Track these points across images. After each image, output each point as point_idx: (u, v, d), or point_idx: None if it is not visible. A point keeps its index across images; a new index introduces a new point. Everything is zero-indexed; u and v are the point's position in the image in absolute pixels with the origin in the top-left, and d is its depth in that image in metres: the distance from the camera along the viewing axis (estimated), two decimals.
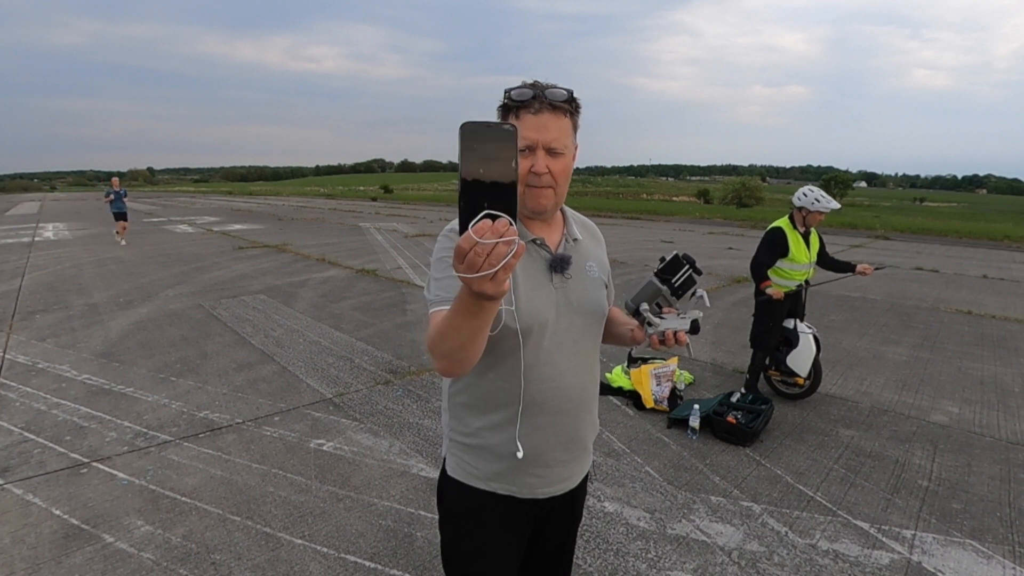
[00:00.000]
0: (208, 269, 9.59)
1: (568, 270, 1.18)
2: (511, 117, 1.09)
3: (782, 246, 3.95)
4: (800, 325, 4.07)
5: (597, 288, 1.25)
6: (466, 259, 0.69)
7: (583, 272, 1.23)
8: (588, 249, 1.28)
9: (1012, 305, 7.81)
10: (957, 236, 19.53)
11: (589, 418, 1.29)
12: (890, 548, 2.52)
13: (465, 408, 1.22)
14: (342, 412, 3.83)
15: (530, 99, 1.06)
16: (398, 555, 2.41)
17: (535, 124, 1.06)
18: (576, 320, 1.19)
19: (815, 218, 3.95)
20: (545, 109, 1.06)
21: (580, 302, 1.20)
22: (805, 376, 4.03)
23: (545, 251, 1.18)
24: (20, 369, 4.60)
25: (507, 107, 1.09)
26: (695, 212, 29.61)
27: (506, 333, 1.11)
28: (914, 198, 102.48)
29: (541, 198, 1.12)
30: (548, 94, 1.06)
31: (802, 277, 4.07)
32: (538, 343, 1.14)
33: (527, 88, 1.08)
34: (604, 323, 1.29)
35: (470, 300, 0.79)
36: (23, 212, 27.65)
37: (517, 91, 1.07)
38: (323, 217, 23.30)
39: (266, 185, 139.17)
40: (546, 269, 1.17)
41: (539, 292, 1.14)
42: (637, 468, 3.17)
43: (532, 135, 1.06)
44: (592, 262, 1.26)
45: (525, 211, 1.16)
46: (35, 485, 2.90)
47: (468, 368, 0.97)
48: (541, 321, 1.13)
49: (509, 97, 1.08)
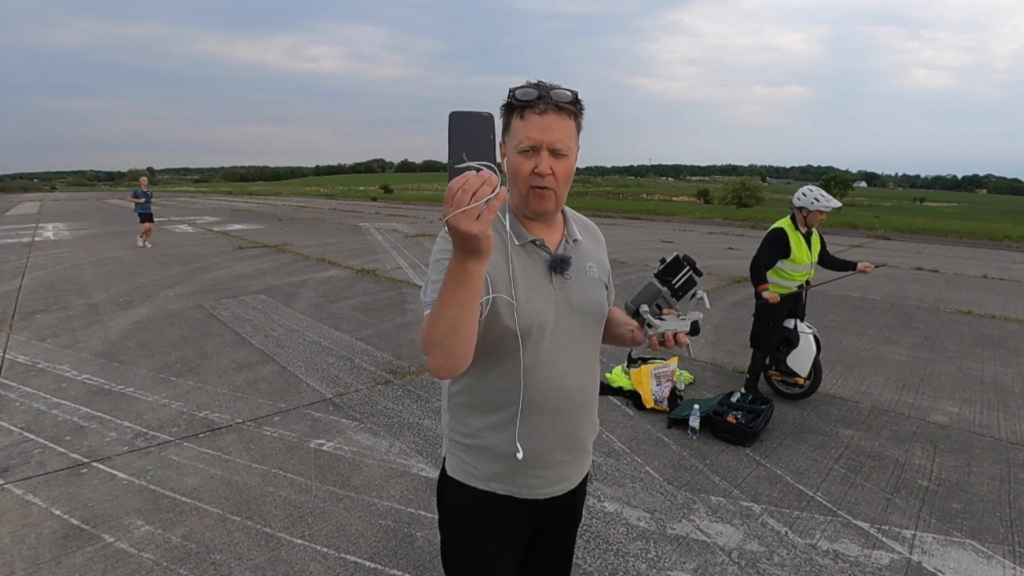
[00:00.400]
0: (208, 269, 9.59)
1: (568, 271, 1.18)
2: (515, 117, 1.08)
3: (783, 247, 3.95)
4: (800, 325, 4.06)
5: (597, 289, 1.25)
6: (454, 199, 0.78)
7: (583, 273, 1.22)
8: (588, 249, 1.27)
9: (1012, 305, 7.81)
10: (957, 236, 19.53)
11: (589, 419, 1.28)
12: (890, 548, 2.52)
13: (465, 408, 1.22)
14: (342, 412, 3.83)
15: (535, 99, 1.05)
16: (398, 555, 2.41)
17: (540, 125, 1.05)
18: (576, 321, 1.19)
19: (816, 217, 3.94)
20: (550, 110, 1.05)
21: (580, 303, 1.20)
22: (805, 376, 4.03)
23: (545, 252, 1.17)
24: (20, 369, 4.60)
25: (511, 106, 1.09)
26: (695, 212, 29.61)
27: (505, 334, 1.11)
28: (914, 198, 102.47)
29: (544, 199, 1.11)
30: (553, 95, 1.06)
31: (803, 278, 4.06)
32: (538, 344, 1.14)
33: (532, 88, 1.07)
34: (604, 324, 1.29)
35: (457, 264, 0.85)
36: (23, 212, 27.65)
37: (522, 91, 1.07)
38: (323, 217, 23.31)
39: (266, 185, 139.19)
40: (546, 270, 1.17)
41: (539, 293, 1.14)
42: (637, 468, 3.17)
43: (537, 136, 1.06)
44: (592, 262, 1.26)
45: (527, 212, 1.16)
46: (35, 485, 2.90)
47: (460, 362, 0.97)
48: (540, 322, 1.13)
49: (514, 96, 1.07)
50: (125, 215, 24.75)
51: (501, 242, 1.14)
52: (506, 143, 1.12)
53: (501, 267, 1.12)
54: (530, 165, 1.08)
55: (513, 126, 1.09)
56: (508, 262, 1.13)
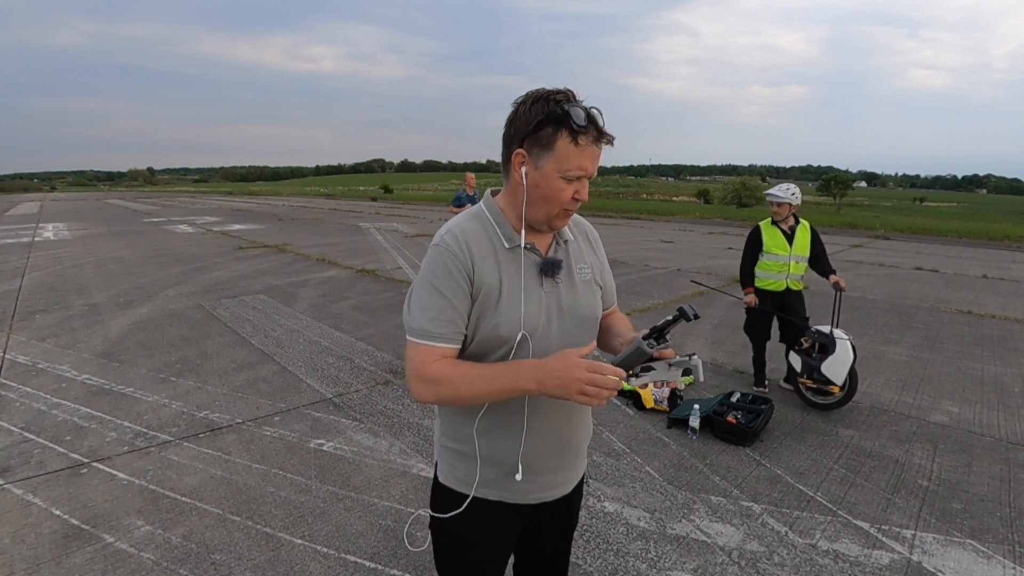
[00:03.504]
0: (208, 269, 9.59)
1: (559, 274, 1.17)
2: (565, 138, 1.03)
3: (757, 241, 4.26)
4: (837, 331, 3.95)
5: (589, 291, 1.23)
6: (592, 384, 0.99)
7: (573, 275, 1.21)
8: (579, 250, 1.26)
9: (1012, 305, 7.81)
10: (957, 236, 19.52)
11: (582, 424, 1.28)
12: (890, 548, 2.52)
13: (457, 413, 1.21)
14: (342, 412, 3.83)
15: (589, 124, 1.04)
16: (398, 555, 2.41)
17: (592, 156, 1.07)
18: (568, 325, 1.18)
19: (781, 210, 4.16)
20: (602, 144, 1.08)
21: (571, 307, 1.18)
22: (840, 384, 3.91)
23: (535, 255, 1.16)
24: (20, 369, 4.60)
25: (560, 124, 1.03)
26: (695, 212, 29.61)
27: (497, 340, 1.11)
28: (914, 198, 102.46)
29: (568, 218, 1.16)
30: (603, 127, 1.07)
31: (783, 269, 4.19)
32: (529, 349, 1.12)
33: (583, 111, 1.04)
34: (597, 326, 1.27)
35: (522, 389, 1.05)
36: (23, 212, 27.65)
37: (577, 112, 1.03)
38: (323, 217, 23.31)
39: (266, 185, 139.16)
40: (536, 274, 1.15)
41: (529, 297, 1.13)
42: (637, 468, 3.17)
43: (588, 166, 1.07)
44: (584, 263, 1.24)
45: (541, 227, 1.16)
46: (35, 485, 2.90)
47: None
48: (531, 327, 1.11)
49: (574, 122, 1.02)
50: (125, 215, 24.76)
51: (492, 246, 1.13)
52: (543, 159, 1.06)
53: (493, 273, 1.11)
54: (571, 191, 1.09)
55: (563, 150, 1.04)
56: (499, 268, 1.13)
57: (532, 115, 1.04)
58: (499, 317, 1.09)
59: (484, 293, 1.10)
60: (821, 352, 3.99)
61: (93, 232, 16.38)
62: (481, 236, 1.14)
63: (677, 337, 5.82)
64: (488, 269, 1.11)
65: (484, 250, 1.12)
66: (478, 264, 1.10)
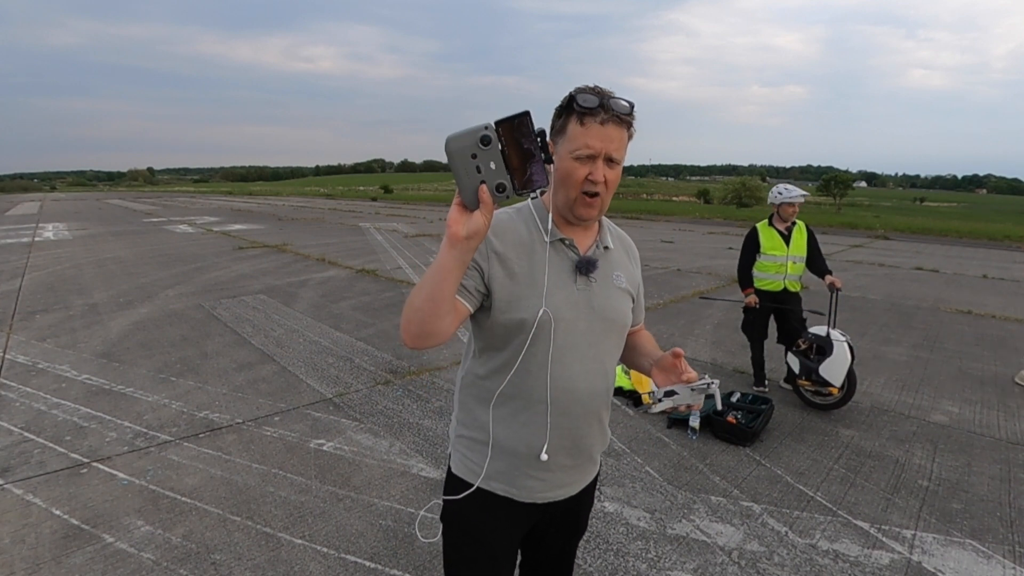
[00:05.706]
0: (208, 269, 9.59)
1: (593, 274, 1.19)
2: (573, 121, 1.08)
3: (754, 241, 4.27)
4: (834, 332, 3.95)
5: (621, 298, 1.24)
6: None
7: (609, 279, 1.22)
8: (618, 260, 1.28)
9: (1012, 305, 7.81)
10: (957, 236, 19.52)
11: (598, 427, 1.27)
12: (890, 548, 2.52)
13: (474, 400, 1.22)
14: (342, 412, 3.83)
15: (597, 107, 1.05)
16: (398, 555, 2.41)
17: (601, 134, 1.06)
18: (595, 325, 1.19)
19: (787, 210, 4.14)
20: (611, 120, 1.06)
21: (601, 307, 1.19)
22: (839, 386, 3.91)
23: (573, 252, 1.18)
24: (20, 369, 4.60)
25: (570, 109, 1.08)
26: (695, 212, 29.61)
27: (520, 324, 1.12)
28: (914, 198, 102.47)
29: (591, 206, 1.14)
30: (614, 105, 1.06)
31: (780, 270, 4.20)
32: (552, 339, 1.13)
33: (592, 95, 1.06)
34: (624, 334, 1.28)
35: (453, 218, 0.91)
36: (23, 212, 27.64)
37: (583, 96, 1.06)
38: (323, 217, 23.30)
39: (266, 185, 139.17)
40: (571, 269, 1.17)
41: (559, 290, 1.15)
42: (637, 468, 3.17)
43: (597, 144, 1.07)
44: (620, 272, 1.26)
45: (569, 216, 1.16)
46: (35, 485, 2.90)
47: (428, 334, 1.00)
48: (556, 316, 1.13)
49: (577, 103, 1.06)
50: (125, 215, 24.76)
51: (530, 237, 1.17)
52: (559, 145, 1.11)
53: (522, 257, 1.14)
54: (584, 171, 1.09)
55: (571, 131, 1.08)
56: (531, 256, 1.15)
57: (557, 111, 1.12)
58: (522, 300, 1.12)
59: (505, 271, 1.12)
60: (819, 354, 3.99)
61: (93, 232, 16.37)
62: (516, 223, 1.18)
63: (677, 338, 5.83)
64: (513, 251, 1.14)
65: (516, 236, 1.16)
66: (500, 241, 1.14)
